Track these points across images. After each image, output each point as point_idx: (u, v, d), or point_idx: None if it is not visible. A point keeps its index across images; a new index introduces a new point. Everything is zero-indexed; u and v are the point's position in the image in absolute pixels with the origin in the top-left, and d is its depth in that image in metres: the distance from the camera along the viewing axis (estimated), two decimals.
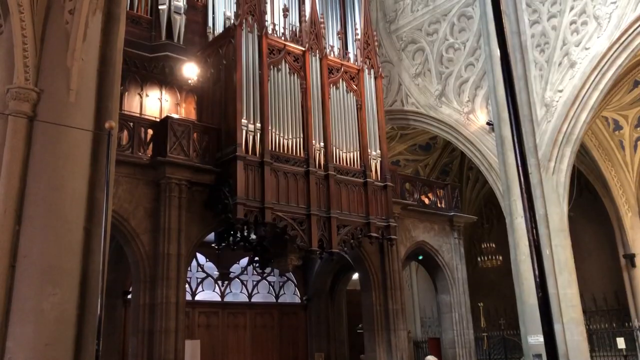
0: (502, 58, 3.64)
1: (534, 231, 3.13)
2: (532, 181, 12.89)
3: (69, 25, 6.26)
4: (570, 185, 13.38)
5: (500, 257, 19.84)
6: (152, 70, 12.99)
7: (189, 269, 12.08)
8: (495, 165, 14.60)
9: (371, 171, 13.54)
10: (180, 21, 13.01)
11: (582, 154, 18.19)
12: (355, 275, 16.20)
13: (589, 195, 19.87)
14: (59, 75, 6.09)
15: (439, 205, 16.87)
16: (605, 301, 19.60)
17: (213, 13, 14.06)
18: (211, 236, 12.59)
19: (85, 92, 6.21)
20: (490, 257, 20.38)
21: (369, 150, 13.67)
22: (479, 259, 20.80)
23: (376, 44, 15.03)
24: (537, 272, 2.99)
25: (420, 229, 16.10)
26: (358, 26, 15.35)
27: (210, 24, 13.95)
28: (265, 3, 13.08)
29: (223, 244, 12.59)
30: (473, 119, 15.40)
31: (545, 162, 13.26)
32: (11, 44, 6.03)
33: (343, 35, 15.49)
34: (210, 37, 13.62)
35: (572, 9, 13.53)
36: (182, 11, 13.10)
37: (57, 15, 6.32)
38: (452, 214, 16.76)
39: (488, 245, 20.61)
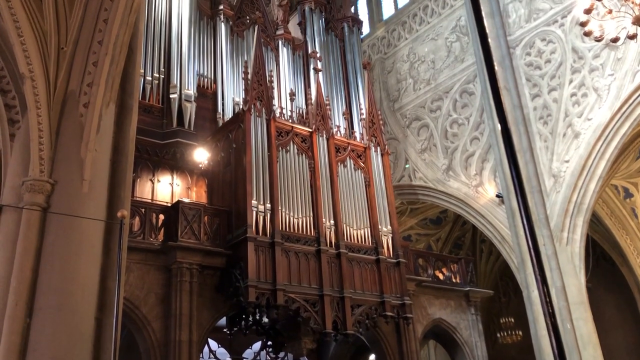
0: (503, 133, 3.69)
1: (549, 306, 3.04)
2: (547, 252, 12.73)
3: (84, 118, 6.46)
4: (585, 255, 13.17)
5: (520, 332, 19.22)
6: (163, 156, 13.28)
7: (200, 355, 11.77)
8: (507, 237, 14.48)
9: (383, 248, 13.43)
10: (190, 108, 13.44)
11: (595, 223, 18.01)
12: (372, 357, 15.67)
13: (606, 265, 19.49)
14: (73, 166, 6.22)
15: (453, 280, 16.56)
16: None
17: (222, 99, 14.55)
18: (223, 321, 12.36)
19: (98, 181, 6.32)
20: (509, 332, 19.75)
21: (379, 227, 13.63)
22: (498, 334, 20.15)
23: (381, 122, 15.37)
24: (556, 351, 2.89)
25: (436, 305, 15.73)
26: (363, 106, 15.76)
27: (220, 109, 14.41)
28: (273, 88, 13.53)
29: (235, 329, 12.33)
30: (482, 191, 15.43)
31: (558, 232, 13.13)
32: (28, 138, 6.21)
33: (348, 115, 15.88)
34: (220, 123, 14.02)
35: (571, 82, 13.88)
36: (193, 99, 13.56)
37: (72, 109, 6.53)
38: (467, 289, 16.42)
39: (507, 320, 20.03)
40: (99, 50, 6.41)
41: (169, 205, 12.18)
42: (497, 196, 14.81)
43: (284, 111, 13.54)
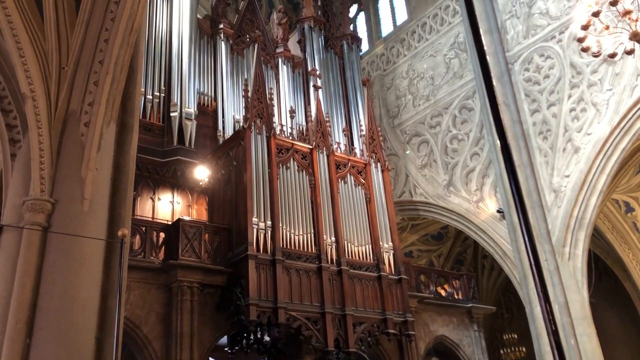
0: (503, 149, 3.69)
1: (552, 323, 3.02)
2: (549, 268, 12.68)
3: (84, 137, 6.48)
4: (588, 270, 13.11)
5: (524, 349, 19.06)
6: (164, 174, 13.29)
7: None
8: (509, 253, 14.43)
9: (384, 264, 13.38)
10: (191, 126, 13.48)
11: (597, 237, 17.96)
12: None
13: (608, 280, 19.38)
14: (73, 185, 6.22)
15: (455, 296, 16.47)
16: None
17: (223, 117, 14.61)
18: (224, 339, 12.27)
19: (98, 200, 6.32)
20: (513, 348, 19.58)
21: (380, 243, 13.59)
22: (501, 351, 19.98)
23: (381, 138, 15.41)
24: None
25: (438, 322, 15.62)
26: (362, 122, 15.81)
27: (220, 127, 14.46)
28: (273, 106, 13.58)
29: (236, 348, 12.21)
30: (483, 207, 15.42)
31: (560, 247, 13.10)
32: (29, 158, 6.23)
33: (348, 131, 15.93)
34: (221, 140, 14.05)
35: (570, 97, 13.94)
36: (193, 117, 13.61)
37: (73, 128, 6.56)
38: (470, 305, 16.31)
39: (510, 336, 19.87)
40: (100, 69, 6.46)
41: (170, 223, 12.16)
42: (498, 211, 14.80)
43: (284, 128, 13.58)
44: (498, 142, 2.97)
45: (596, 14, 8.22)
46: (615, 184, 15.89)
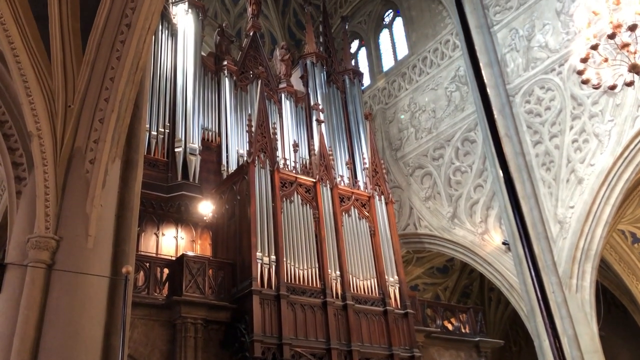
0: (506, 181, 3.70)
1: (561, 357, 2.97)
2: (556, 300, 12.53)
3: (90, 174, 6.52)
4: (596, 303, 12.94)
5: None
6: (168, 209, 13.30)
7: None
8: (516, 285, 14.28)
9: (390, 298, 13.24)
10: (195, 161, 13.55)
11: (604, 269, 17.79)
12: None
13: (617, 312, 19.12)
14: (78, 222, 6.23)
15: (463, 330, 16.22)
16: None
17: (227, 152, 14.69)
18: None
19: (103, 237, 6.31)
20: None
21: (386, 277, 13.48)
22: None
23: (384, 171, 15.44)
24: None
25: (446, 357, 15.34)
26: (365, 155, 15.88)
27: (224, 162, 14.53)
28: (276, 140, 13.68)
29: None
30: (488, 239, 15.33)
31: (567, 279, 12.96)
32: (34, 195, 6.25)
33: (352, 164, 15.98)
34: (225, 175, 14.11)
35: (571, 128, 14.00)
36: (197, 152, 13.69)
37: (78, 165, 6.60)
38: (477, 339, 16.05)
39: None
40: (105, 107, 6.54)
41: (174, 259, 12.11)
42: (504, 243, 14.71)
43: (288, 162, 13.64)
44: (501, 174, 2.98)
45: (594, 47, 8.33)
46: (620, 215, 15.81)
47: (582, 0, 14.00)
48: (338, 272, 12.68)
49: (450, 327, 16.00)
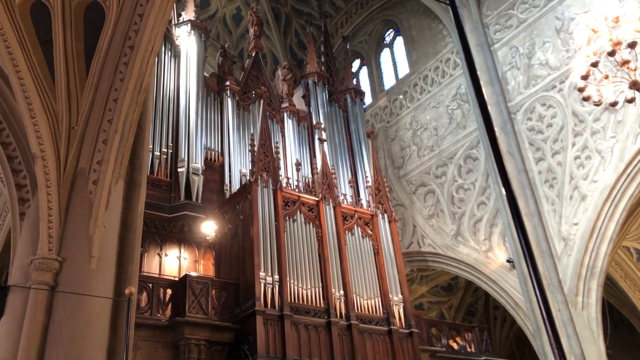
0: (509, 199, 3.69)
1: None
2: (562, 318, 12.42)
3: (93, 195, 6.54)
4: (603, 320, 12.82)
5: None
6: (171, 229, 13.30)
7: None
8: (521, 303, 14.17)
9: (395, 318, 13.14)
10: (198, 181, 13.58)
11: (610, 286, 17.65)
12: None
13: (624, 329, 18.92)
14: (81, 243, 6.23)
15: (468, 349, 16.05)
16: None
17: (229, 171, 14.73)
18: None
19: (106, 258, 6.31)
20: None
21: (390, 296, 13.39)
22: None
23: (387, 189, 15.43)
24: None
25: None
26: (368, 174, 15.89)
27: (227, 181, 14.55)
28: (279, 159, 13.71)
29: None
30: (492, 257, 15.26)
31: (573, 297, 12.86)
32: (37, 217, 6.27)
33: (354, 183, 15.98)
34: (227, 194, 14.11)
35: (573, 144, 14.01)
36: (200, 172, 13.73)
37: (81, 186, 6.62)
38: (483, 358, 15.86)
39: None
40: (108, 128, 6.58)
41: (177, 279, 12.07)
42: (508, 261, 14.63)
43: (291, 181, 13.66)
44: (504, 191, 2.98)
45: (595, 64, 8.38)
46: (625, 231, 15.74)
47: (582, 18, 14.13)
48: (342, 292, 12.61)
49: (455, 346, 15.83)
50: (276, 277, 11.68)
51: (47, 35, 6.43)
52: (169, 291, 11.39)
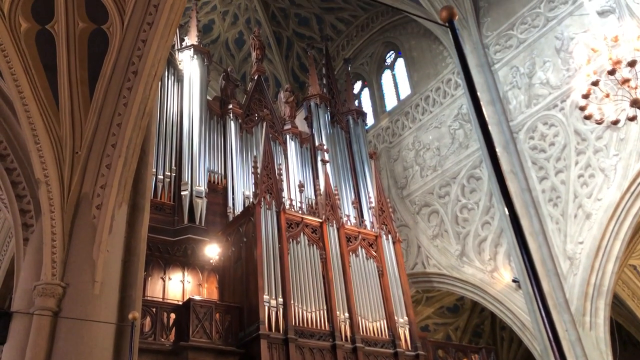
0: (512, 219, 3.65)
1: None
2: (570, 339, 12.28)
3: (96, 219, 6.55)
4: (611, 340, 12.66)
5: None
6: (174, 253, 13.26)
7: None
8: (528, 323, 14.02)
9: (400, 340, 13.00)
10: (201, 204, 13.58)
11: (618, 305, 17.46)
12: None
13: (633, 349, 18.68)
14: (84, 268, 6.22)
15: None
16: None
17: (233, 194, 14.73)
18: None
19: (109, 282, 6.29)
20: None
21: (395, 318, 13.27)
22: None
23: (390, 209, 15.40)
24: None
25: None
26: (371, 194, 15.88)
27: (230, 204, 14.55)
28: (282, 181, 13.72)
29: None
30: (497, 277, 15.15)
31: (580, 317, 12.72)
32: (41, 242, 6.27)
33: (358, 204, 15.96)
34: (231, 217, 14.10)
35: (576, 163, 14.00)
36: (203, 195, 13.74)
37: (85, 211, 6.64)
38: None
39: None
40: (112, 153, 6.62)
41: (180, 303, 11.99)
42: (514, 281, 14.52)
43: (294, 203, 13.65)
44: (507, 211, 2.96)
45: (595, 83, 8.41)
46: (631, 250, 15.64)
47: (581, 37, 14.24)
48: (347, 314, 12.50)
49: None
50: (280, 300, 11.60)
51: (51, 62, 6.51)
52: (172, 315, 11.31)
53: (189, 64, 15.65)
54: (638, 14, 13.41)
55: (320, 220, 13.49)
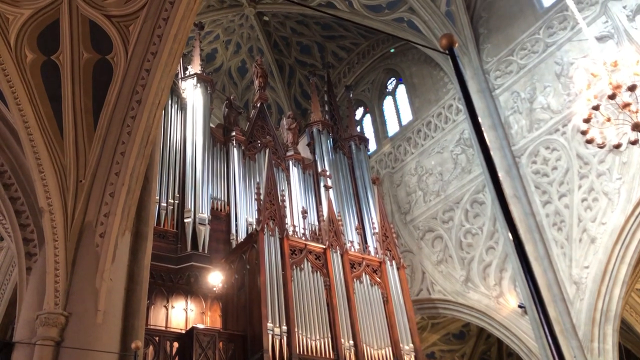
0: (516, 244, 3.63)
1: None
2: None
3: (99, 248, 6.54)
4: None
5: None
6: (177, 281, 13.19)
7: None
8: (535, 349, 13.82)
9: None
10: (204, 231, 13.55)
11: (626, 330, 17.22)
12: None
13: None
14: (87, 297, 6.20)
15: None
16: None
17: (236, 221, 14.71)
18: None
19: (112, 311, 6.26)
20: None
21: (401, 345, 13.11)
22: None
23: (394, 235, 15.34)
24: None
25: None
26: (375, 220, 15.84)
27: (233, 231, 14.52)
28: (285, 207, 13.72)
29: None
30: (503, 302, 15.00)
31: (588, 343, 12.54)
32: (44, 271, 6.26)
33: (361, 229, 15.91)
34: (234, 244, 14.06)
35: (580, 187, 13.97)
36: (207, 222, 13.73)
37: (88, 239, 6.64)
38: None
39: None
40: (115, 181, 6.64)
41: (183, 332, 11.90)
42: (520, 306, 14.36)
43: (297, 229, 13.62)
44: (511, 236, 2.94)
45: (596, 108, 8.45)
46: (637, 274, 15.48)
47: (581, 62, 14.35)
48: (351, 342, 12.36)
49: None
50: (284, 327, 11.49)
51: (56, 91, 6.58)
52: (175, 344, 11.22)
53: (192, 92, 15.81)
54: (636, 39, 13.54)
55: (324, 247, 13.45)
